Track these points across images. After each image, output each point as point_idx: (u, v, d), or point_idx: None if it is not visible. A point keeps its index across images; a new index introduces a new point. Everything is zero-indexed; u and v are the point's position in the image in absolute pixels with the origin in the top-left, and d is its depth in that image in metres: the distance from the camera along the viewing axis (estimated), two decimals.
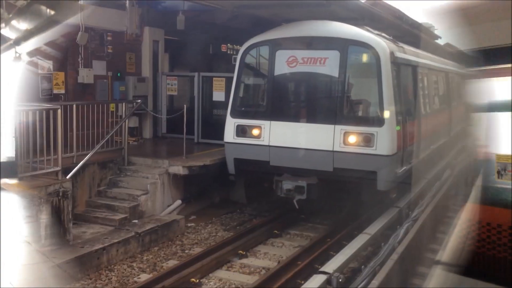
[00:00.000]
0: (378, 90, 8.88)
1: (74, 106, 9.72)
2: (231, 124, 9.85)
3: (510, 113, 6.61)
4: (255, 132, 9.60)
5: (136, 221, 9.37)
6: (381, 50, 8.96)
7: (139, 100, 11.74)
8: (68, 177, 8.44)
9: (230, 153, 9.91)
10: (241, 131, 9.73)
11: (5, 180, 7.29)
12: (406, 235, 7.31)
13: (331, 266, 6.71)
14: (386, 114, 8.78)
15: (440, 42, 21.18)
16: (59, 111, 8.02)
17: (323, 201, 9.97)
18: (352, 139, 8.90)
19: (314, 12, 10.47)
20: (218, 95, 12.81)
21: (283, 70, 9.63)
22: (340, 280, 6.47)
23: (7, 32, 7.26)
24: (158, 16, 13.38)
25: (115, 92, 12.62)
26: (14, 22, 7.24)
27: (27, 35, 7.40)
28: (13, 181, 7.56)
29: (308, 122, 9.36)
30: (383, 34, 10.35)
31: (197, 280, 7.43)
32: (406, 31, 14.04)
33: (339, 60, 9.09)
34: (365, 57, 9.23)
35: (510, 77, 6.95)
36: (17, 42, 7.42)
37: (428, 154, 11.69)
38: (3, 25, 7.07)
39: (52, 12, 7.41)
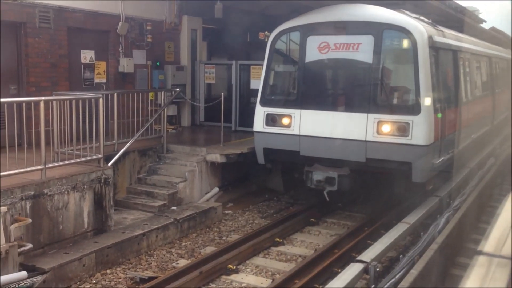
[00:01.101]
0: (415, 76, 8.44)
1: (115, 95, 9.95)
2: (260, 113, 9.63)
3: None
4: (285, 121, 9.33)
5: (174, 208, 9.55)
6: (418, 34, 8.51)
7: (178, 89, 11.87)
8: (109, 164, 8.64)
9: (260, 142, 9.71)
10: (271, 120, 9.49)
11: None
12: (446, 224, 7.16)
13: (369, 255, 6.66)
14: (423, 101, 8.36)
15: (485, 26, 20.44)
16: (100, 100, 8.19)
17: (355, 192, 9.66)
18: (386, 128, 8.49)
19: None
20: (256, 83, 12.77)
21: (314, 56, 9.29)
22: (378, 269, 6.42)
23: None
24: (196, 4, 13.46)
25: (154, 81, 12.82)
26: None
27: None
28: None
29: (340, 111, 9.00)
30: (422, 18, 9.88)
31: (234, 267, 7.51)
32: (449, 15, 13.60)
33: (373, 45, 8.68)
34: (401, 42, 8.79)
35: None
36: None
37: (469, 143, 11.17)
38: None
39: None
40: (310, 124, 9.12)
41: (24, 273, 6.18)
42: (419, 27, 8.70)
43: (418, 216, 8.28)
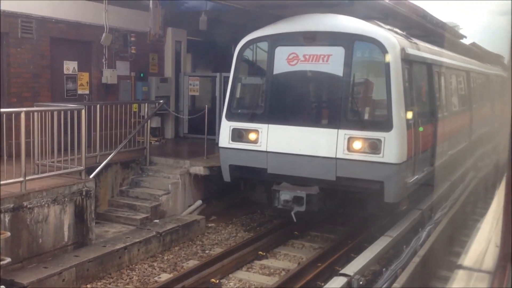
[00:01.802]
0: (387, 90, 8.03)
1: (98, 106, 9.88)
2: (226, 127, 9.14)
3: None
4: (252, 136, 8.85)
5: (157, 220, 9.46)
6: (390, 46, 8.10)
7: (162, 101, 11.85)
8: (91, 176, 8.55)
9: (225, 159, 9.21)
10: (237, 135, 8.99)
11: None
12: (428, 238, 7.22)
13: (352, 268, 6.67)
14: (395, 117, 7.97)
15: (466, 41, 20.85)
16: (83, 111, 8.13)
17: (325, 213, 9.23)
18: (357, 145, 8.08)
19: (337, 12, 10.39)
20: None
21: (282, 68, 8.85)
22: (361, 282, 6.43)
23: None
24: (181, 16, 13.48)
25: (138, 92, 12.77)
26: None
27: None
28: None
29: (309, 126, 8.55)
30: (395, 29, 9.57)
31: (217, 281, 7.46)
32: (430, 30, 13.84)
33: (344, 57, 8.29)
34: (372, 54, 8.43)
35: None
36: None
37: (444, 160, 10.82)
38: None
39: None
40: (278, 140, 8.67)
41: None
42: (391, 38, 8.36)
43: (401, 229, 8.33)
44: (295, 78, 8.95)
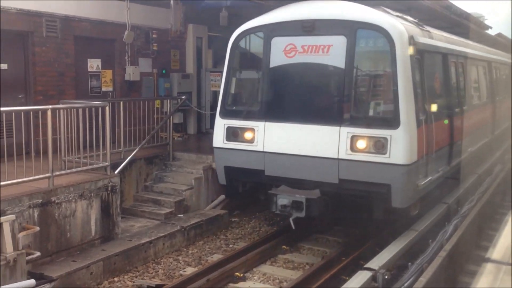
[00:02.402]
0: (393, 83, 7.23)
1: (121, 103, 10.00)
2: (220, 126, 8.45)
3: None
4: (248, 135, 8.15)
5: (181, 215, 9.55)
6: (396, 34, 7.26)
7: (184, 97, 11.91)
8: (116, 172, 8.66)
9: (220, 160, 8.57)
10: (232, 134, 8.33)
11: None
12: (455, 231, 7.13)
13: (377, 262, 6.64)
14: (403, 113, 7.14)
15: (491, 32, 20.45)
16: (107, 108, 8.24)
17: (326, 219, 8.73)
18: (361, 144, 7.31)
19: None
20: None
21: (279, 61, 8.09)
22: (386, 277, 6.40)
23: None
24: (202, 13, 13.54)
25: (160, 88, 12.88)
26: None
27: None
28: None
29: (308, 123, 7.73)
30: (405, 16, 8.75)
31: (241, 274, 7.50)
32: (454, 21, 13.59)
33: (346, 47, 7.50)
34: (377, 43, 7.54)
35: None
36: None
37: (464, 158, 9.89)
38: None
39: None
40: (275, 139, 7.98)
41: (32, 281, 6.20)
42: (397, 26, 7.49)
43: (426, 223, 8.23)
44: (293, 71, 8.14)
